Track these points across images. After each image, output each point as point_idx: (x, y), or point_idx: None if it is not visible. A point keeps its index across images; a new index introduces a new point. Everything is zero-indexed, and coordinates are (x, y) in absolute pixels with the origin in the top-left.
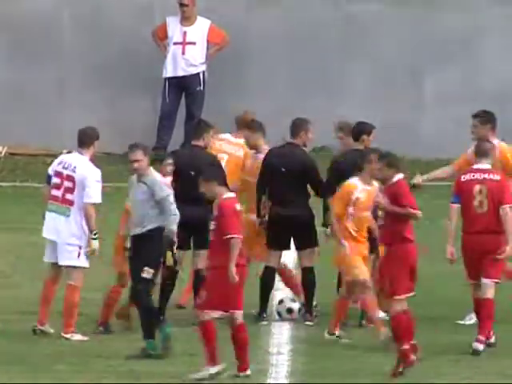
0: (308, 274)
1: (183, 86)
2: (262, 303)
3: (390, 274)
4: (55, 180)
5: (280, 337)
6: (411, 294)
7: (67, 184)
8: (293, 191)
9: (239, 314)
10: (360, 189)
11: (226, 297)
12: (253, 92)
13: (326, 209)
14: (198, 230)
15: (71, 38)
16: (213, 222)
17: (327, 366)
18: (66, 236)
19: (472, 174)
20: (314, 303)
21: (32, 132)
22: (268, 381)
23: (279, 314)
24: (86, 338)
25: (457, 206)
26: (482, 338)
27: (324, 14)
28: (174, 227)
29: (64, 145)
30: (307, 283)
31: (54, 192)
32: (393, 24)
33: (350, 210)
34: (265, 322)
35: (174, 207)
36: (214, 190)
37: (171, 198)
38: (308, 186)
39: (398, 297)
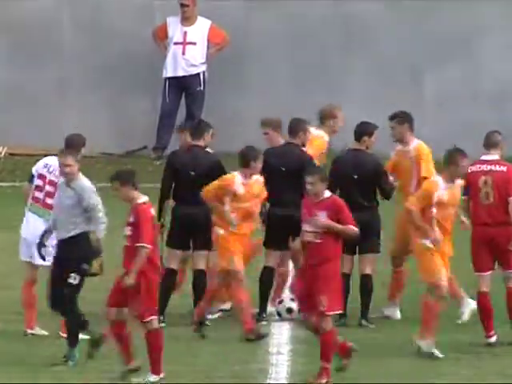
0: None
1: (183, 86)
2: (261, 303)
3: (329, 291)
4: (38, 182)
5: (280, 337)
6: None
7: (48, 188)
8: (292, 191)
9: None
10: (442, 187)
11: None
12: (253, 91)
13: None
14: (198, 230)
15: (71, 39)
16: (129, 228)
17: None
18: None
19: (478, 166)
20: None
21: (32, 132)
22: (268, 381)
23: (279, 313)
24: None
25: (465, 197)
26: None
27: (324, 12)
28: (102, 235)
29: (63, 145)
30: None
31: (37, 193)
32: (393, 23)
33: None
34: (264, 322)
35: (102, 215)
36: (130, 193)
37: (100, 206)
38: None
39: (337, 312)
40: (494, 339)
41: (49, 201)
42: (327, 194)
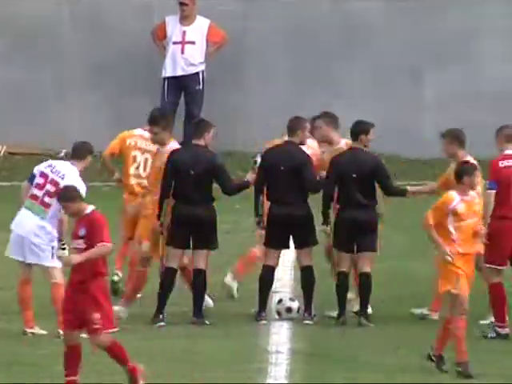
0: (307, 272)
1: (182, 86)
2: (260, 302)
3: (100, 309)
4: (39, 180)
5: (279, 336)
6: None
7: (49, 187)
8: (292, 190)
9: None
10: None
11: None
12: (252, 90)
13: (327, 207)
14: (198, 229)
15: (71, 38)
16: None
17: (327, 365)
18: (38, 236)
19: (508, 160)
20: (313, 313)
21: (31, 131)
22: (267, 380)
23: (278, 313)
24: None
25: (494, 191)
26: None
27: (324, 11)
28: None
29: (63, 144)
30: (306, 282)
31: (36, 191)
32: (393, 22)
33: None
34: (264, 321)
35: None
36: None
37: None
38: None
39: (111, 330)
40: (504, 331)
41: (47, 199)
42: (89, 209)
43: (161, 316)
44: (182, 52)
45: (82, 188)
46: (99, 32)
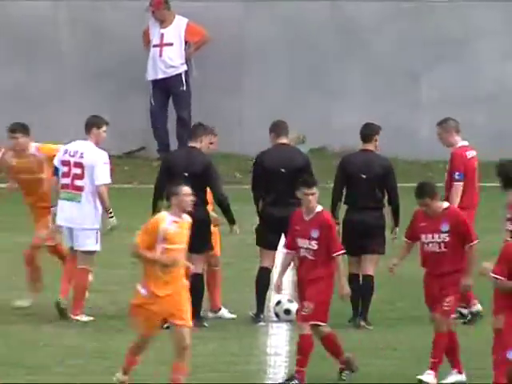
0: None
1: (166, 88)
2: (258, 304)
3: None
4: (63, 169)
5: (278, 338)
6: None
7: (75, 171)
8: (288, 192)
9: None
10: None
11: None
12: (251, 94)
13: (335, 205)
14: (193, 232)
15: (69, 41)
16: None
17: (324, 367)
18: (81, 221)
19: (471, 151)
20: None
21: (31, 134)
22: (266, 382)
23: (277, 315)
24: (91, 318)
25: (462, 183)
26: None
27: (321, 15)
28: None
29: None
30: None
31: (64, 180)
32: (390, 26)
33: None
34: (262, 323)
35: None
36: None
37: None
38: None
39: None
40: None
41: (78, 183)
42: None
43: None
44: (160, 55)
45: (104, 156)
46: (97, 36)
